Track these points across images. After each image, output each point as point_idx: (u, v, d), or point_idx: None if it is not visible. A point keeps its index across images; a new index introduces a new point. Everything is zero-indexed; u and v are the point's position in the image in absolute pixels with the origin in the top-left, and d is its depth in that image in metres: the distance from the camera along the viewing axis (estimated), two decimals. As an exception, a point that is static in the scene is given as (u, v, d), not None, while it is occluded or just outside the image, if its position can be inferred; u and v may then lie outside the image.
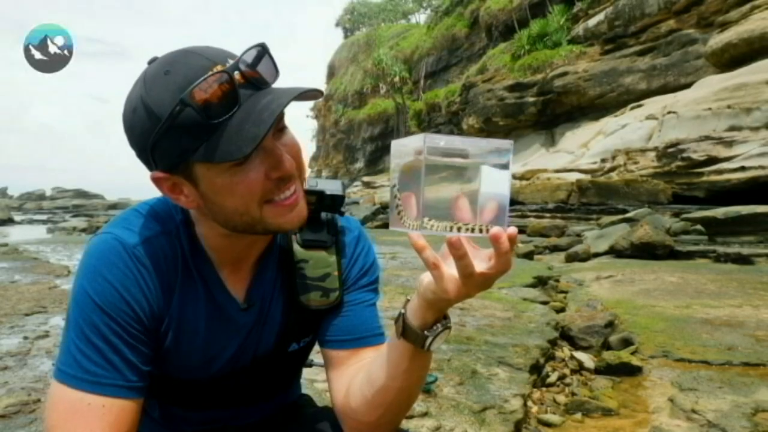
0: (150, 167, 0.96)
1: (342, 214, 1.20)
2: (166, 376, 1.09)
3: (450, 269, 0.80)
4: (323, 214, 1.17)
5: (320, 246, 1.15)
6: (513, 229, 0.76)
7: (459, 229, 0.75)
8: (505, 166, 0.76)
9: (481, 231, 0.75)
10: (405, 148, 0.79)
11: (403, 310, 0.93)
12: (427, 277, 0.86)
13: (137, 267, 0.98)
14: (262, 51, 0.92)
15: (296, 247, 1.14)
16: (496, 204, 0.76)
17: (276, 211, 0.97)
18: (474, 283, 0.80)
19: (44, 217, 33.63)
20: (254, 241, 1.08)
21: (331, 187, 1.15)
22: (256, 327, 1.12)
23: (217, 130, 0.87)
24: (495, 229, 0.74)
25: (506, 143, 0.76)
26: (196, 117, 0.86)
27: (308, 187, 1.09)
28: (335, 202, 1.15)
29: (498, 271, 0.78)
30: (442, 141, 0.74)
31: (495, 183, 0.76)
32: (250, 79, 0.90)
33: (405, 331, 0.93)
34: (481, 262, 0.79)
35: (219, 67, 0.88)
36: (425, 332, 0.91)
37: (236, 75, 0.88)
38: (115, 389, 0.93)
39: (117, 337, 0.95)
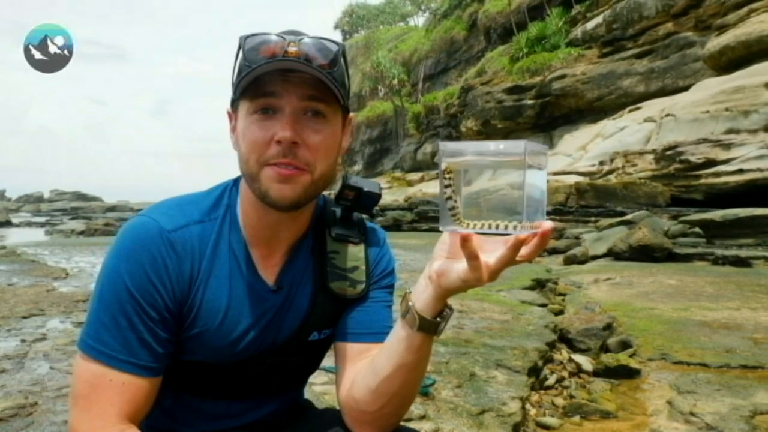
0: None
1: (373, 216, 1.25)
2: (189, 361, 1.12)
3: (486, 257, 0.86)
4: (354, 215, 1.24)
5: (351, 241, 1.22)
6: (551, 224, 0.83)
7: (515, 228, 0.81)
8: (542, 167, 0.83)
9: (532, 228, 0.81)
10: (458, 151, 0.84)
11: (411, 303, 0.98)
12: (453, 269, 0.91)
13: (168, 252, 1.05)
14: (332, 45, 1.06)
15: (328, 239, 1.21)
16: (539, 201, 0.82)
17: (271, 175, 1.03)
18: (502, 269, 0.87)
19: (42, 219, 33.58)
20: (280, 219, 1.12)
21: (369, 186, 1.22)
22: (281, 311, 1.15)
23: (248, 71, 1.00)
24: (546, 226, 0.82)
25: (543, 146, 0.83)
26: (243, 58, 1.03)
27: (349, 183, 1.19)
28: (371, 201, 1.22)
29: (530, 258, 0.85)
30: (491, 145, 0.81)
31: (537, 182, 0.81)
32: (306, 57, 1.02)
33: (420, 322, 0.97)
34: (497, 251, 0.85)
35: (287, 37, 1.03)
36: (437, 319, 0.98)
37: (291, 47, 1.02)
38: (131, 367, 1.01)
39: (138, 317, 1.01)
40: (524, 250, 0.82)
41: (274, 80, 1.01)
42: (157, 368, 1.04)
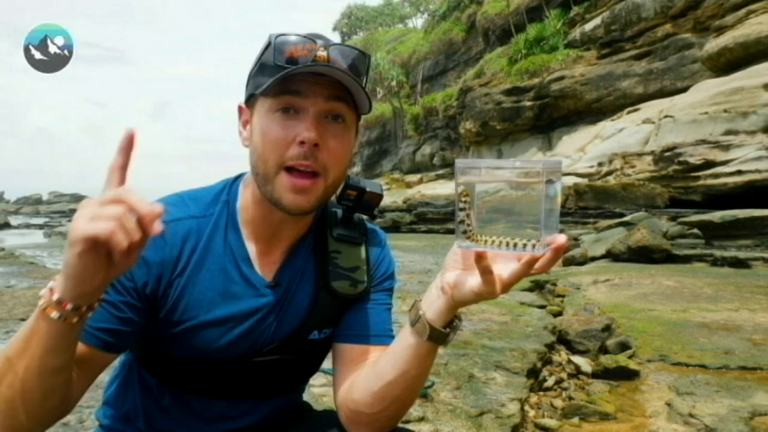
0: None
1: (374, 217, 1.26)
2: (187, 357, 1.11)
3: (499, 271, 0.87)
4: (355, 216, 1.25)
5: (352, 242, 1.22)
6: (564, 237, 0.84)
7: (534, 246, 0.82)
8: (557, 181, 0.83)
9: (546, 245, 0.83)
10: (474, 169, 0.86)
11: (421, 313, 0.99)
12: (466, 282, 0.92)
13: (154, 240, 1.03)
14: (360, 55, 1.07)
15: (330, 239, 1.21)
16: (554, 216, 0.84)
17: (286, 184, 1.04)
18: (516, 282, 0.89)
19: (41, 221, 33.51)
20: (284, 219, 1.12)
21: (372, 186, 1.24)
22: (279, 307, 1.15)
23: (280, 73, 1.00)
24: (559, 240, 0.83)
25: (558, 161, 0.84)
26: (271, 55, 1.02)
27: (351, 182, 1.20)
28: (372, 202, 1.24)
29: (544, 271, 0.86)
30: (507, 164, 0.83)
31: (552, 197, 0.82)
32: (333, 63, 1.03)
33: (431, 331, 0.98)
34: (510, 264, 0.87)
35: (317, 41, 1.03)
36: (447, 329, 0.99)
37: (321, 51, 1.02)
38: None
39: (106, 293, 0.99)
40: (538, 264, 0.84)
41: (300, 81, 1.02)
42: (107, 342, 1.00)
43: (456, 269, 0.95)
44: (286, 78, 1.01)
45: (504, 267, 0.87)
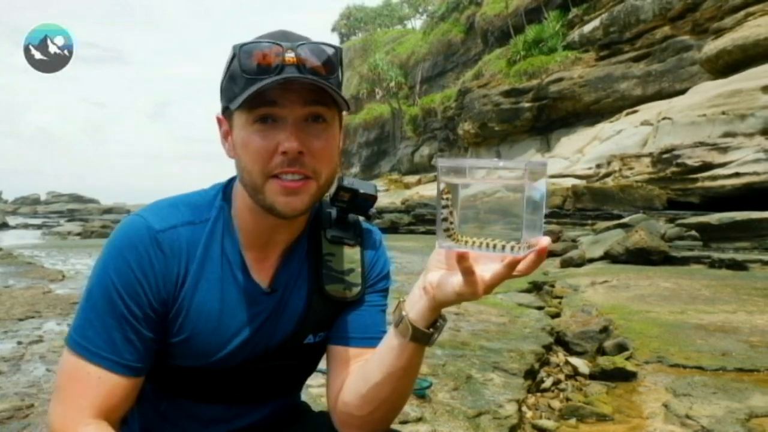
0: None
1: (369, 217, 1.26)
2: (184, 366, 1.11)
3: (481, 272, 0.86)
4: (350, 216, 1.23)
5: (346, 243, 1.21)
6: (548, 239, 0.84)
7: (513, 249, 0.81)
8: (541, 182, 0.83)
9: (528, 247, 0.82)
10: (456, 169, 0.85)
11: (404, 313, 0.98)
12: (448, 282, 0.91)
13: (154, 251, 1.04)
14: (332, 50, 1.03)
15: (324, 241, 1.20)
16: (538, 217, 0.83)
17: (276, 188, 1.02)
18: (498, 284, 0.88)
19: (39, 221, 33.43)
20: (277, 224, 1.11)
21: (365, 187, 1.21)
22: (275, 314, 1.14)
23: (252, 85, 0.97)
24: (542, 243, 0.83)
25: (543, 162, 0.84)
26: (237, 67, 1.00)
27: (344, 184, 1.18)
28: (366, 203, 1.22)
29: (527, 274, 0.85)
30: (490, 164, 0.83)
31: (536, 198, 0.82)
32: (304, 64, 1.00)
33: (413, 332, 0.98)
34: (493, 265, 0.86)
35: (283, 44, 1.00)
36: (430, 330, 0.98)
37: (289, 53, 0.99)
38: (111, 364, 1.01)
39: (122, 315, 1.01)
40: (521, 266, 0.83)
41: (273, 89, 0.99)
42: (136, 368, 1.03)
43: (439, 269, 0.94)
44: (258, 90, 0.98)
45: (486, 268, 0.86)
